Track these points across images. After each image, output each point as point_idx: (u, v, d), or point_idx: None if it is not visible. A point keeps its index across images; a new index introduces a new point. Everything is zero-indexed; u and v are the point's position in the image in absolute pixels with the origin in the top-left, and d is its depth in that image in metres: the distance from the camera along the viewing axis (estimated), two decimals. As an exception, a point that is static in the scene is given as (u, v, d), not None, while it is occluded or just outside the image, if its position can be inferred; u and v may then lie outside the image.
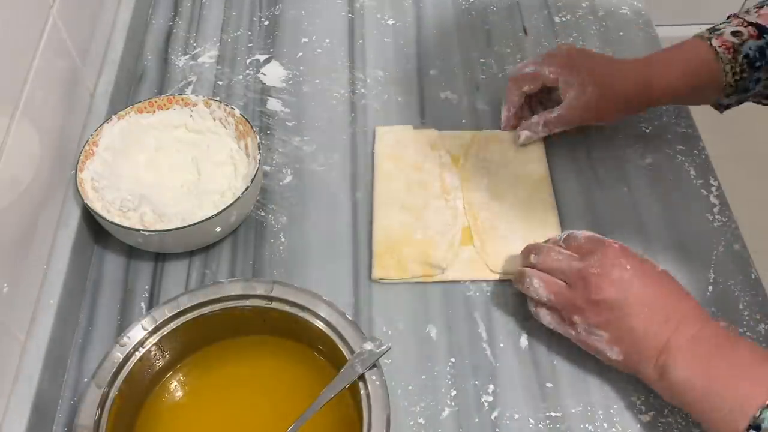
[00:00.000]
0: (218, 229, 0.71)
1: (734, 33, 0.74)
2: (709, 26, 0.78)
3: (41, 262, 0.67)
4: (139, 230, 0.68)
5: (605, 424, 0.63)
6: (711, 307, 0.70)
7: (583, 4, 0.98)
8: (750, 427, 0.53)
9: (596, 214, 0.77)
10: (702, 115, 0.86)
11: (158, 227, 0.69)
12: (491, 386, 0.65)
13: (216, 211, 0.68)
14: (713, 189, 0.79)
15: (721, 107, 0.80)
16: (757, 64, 0.74)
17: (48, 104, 0.70)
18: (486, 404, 0.64)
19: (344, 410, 0.61)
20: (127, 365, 0.59)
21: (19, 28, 0.64)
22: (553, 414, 0.64)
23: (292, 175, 0.80)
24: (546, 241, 0.68)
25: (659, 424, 0.63)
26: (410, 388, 0.65)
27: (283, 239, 0.75)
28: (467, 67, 0.90)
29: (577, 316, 0.62)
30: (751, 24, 0.75)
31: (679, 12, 2.06)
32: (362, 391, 0.58)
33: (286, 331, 0.64)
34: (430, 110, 0.86)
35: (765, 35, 0.74)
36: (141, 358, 0.60)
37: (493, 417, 0.64)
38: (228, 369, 0.65)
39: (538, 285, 0.64)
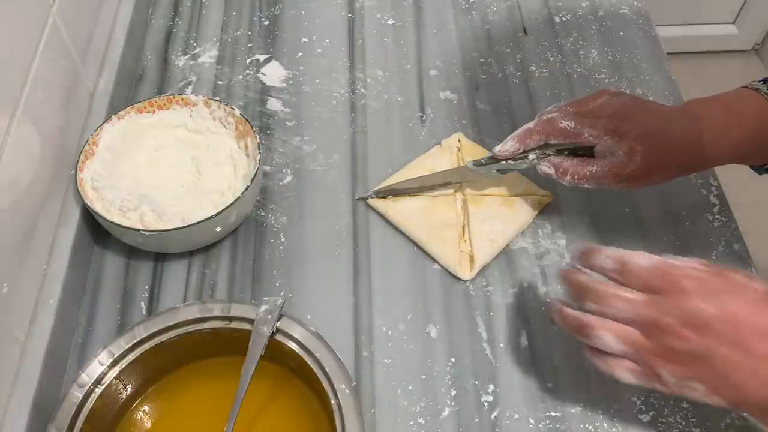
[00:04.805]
0: (218, 229, 0.71)
1: None
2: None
3: (41, 262, 0.67)
4: (139, 230, 0.68)
5: (605, 424, 0.63)
6: (711, 307, 0.70)
7: (583, 4, 0.97)
8: None
9: (596, 214, 0.77)
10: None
11: (158, 227, 0.69)
12: (491, 386, 0.66)
13: (216, 211, 0.68)
14: (713, 189, 0.79)
15: None
16: None
17: (48, 104, 0.70)
18: (486, 404, 0.64)
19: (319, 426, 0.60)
20: (87, 405, 0.57)
21: (19, 28, 0.64)
22: (553, 414, 0.64)
23: (292, 175, 0.80)
24: (591, 263, 0.56)
25: (659, 424, 0.63)
26: (410, 388, 0.65)
27: (283, 239, 0.75)
28: (467, 67, 0.90)
29: (662, 369, 0.52)
30: None
31: (679, 12, 2.06)
32: (332, 401, 0.56)
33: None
34: (430, 110, 0.86)
35: None
36: (101, 395, 0.58)
37: (493, 417, 0.64)
38: (193, 394, 0.63)
39: (610, 339, 0.53)
